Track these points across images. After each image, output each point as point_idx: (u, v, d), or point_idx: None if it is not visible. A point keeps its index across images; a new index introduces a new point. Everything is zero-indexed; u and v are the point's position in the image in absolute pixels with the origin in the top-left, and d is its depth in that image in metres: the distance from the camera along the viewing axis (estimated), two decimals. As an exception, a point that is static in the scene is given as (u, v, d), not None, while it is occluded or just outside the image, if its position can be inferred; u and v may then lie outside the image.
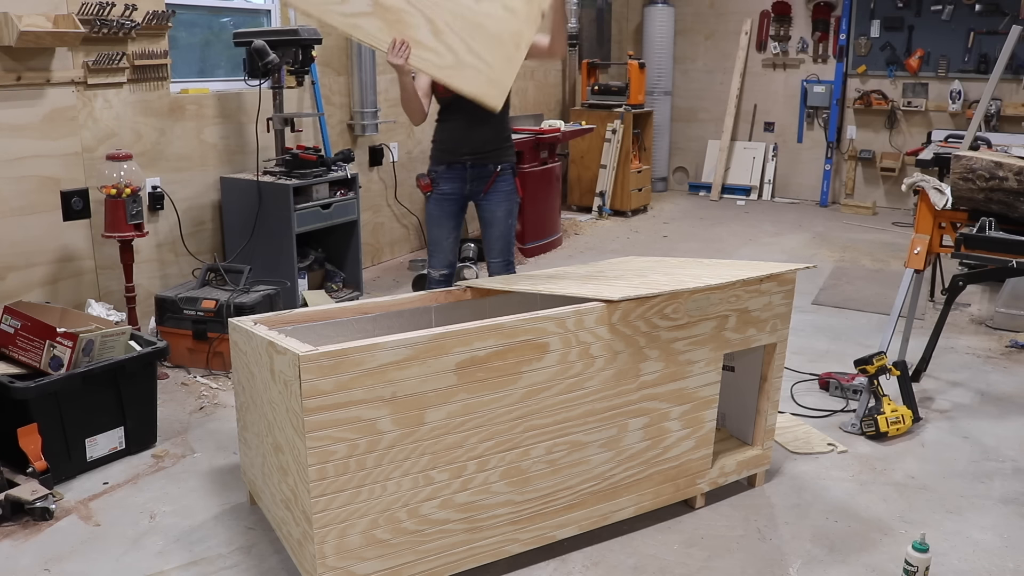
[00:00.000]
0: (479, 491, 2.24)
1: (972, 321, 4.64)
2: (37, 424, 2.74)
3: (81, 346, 2.86)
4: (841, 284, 5.40)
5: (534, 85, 7.62)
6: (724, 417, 2.92)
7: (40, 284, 3.72)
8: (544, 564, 2.42)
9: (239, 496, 2.78)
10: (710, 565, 2.44)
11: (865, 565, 2.44)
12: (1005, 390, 3.70)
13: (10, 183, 3.56)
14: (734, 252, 6.26)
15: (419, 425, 2.10)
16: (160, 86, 4.15)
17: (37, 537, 2.54)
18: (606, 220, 7.42)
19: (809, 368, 3.90)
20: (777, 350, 2.75)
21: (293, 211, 4.25)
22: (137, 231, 3.75)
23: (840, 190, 8.30)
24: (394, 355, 2.02)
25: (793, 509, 2.74)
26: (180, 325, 3.83)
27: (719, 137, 8.67)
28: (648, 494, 2.58)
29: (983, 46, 7.33)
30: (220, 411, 3.45)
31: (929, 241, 3.45)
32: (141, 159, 4.01)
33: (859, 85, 8.00)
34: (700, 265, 3.02)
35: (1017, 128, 6.87)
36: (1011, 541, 2.56)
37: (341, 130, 5.46)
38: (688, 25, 8.74)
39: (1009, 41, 3.72)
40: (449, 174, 3.32)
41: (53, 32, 3.49)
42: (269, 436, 2.28)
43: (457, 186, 3.33)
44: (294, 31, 4.31)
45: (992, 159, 3.14)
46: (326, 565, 2.05)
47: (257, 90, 4.34)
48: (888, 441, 3.19)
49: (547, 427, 2.30)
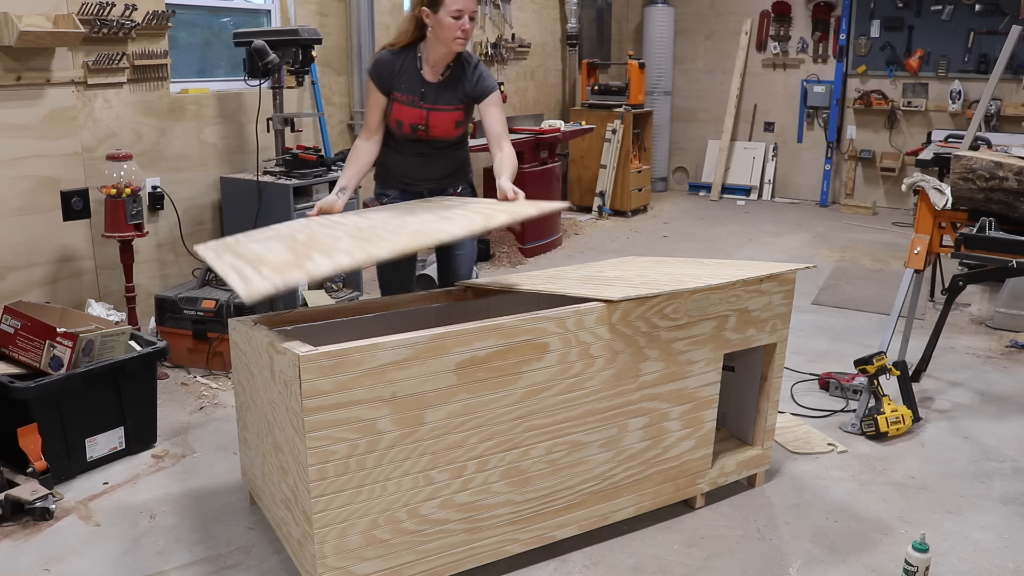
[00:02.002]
0: (479, 491, 2.24)
1: (972, 321, 4.64)
2: (37, 424, 2.74)
3: (81, 346, 2.86)
4: (841, 284, 5.40)
5: (534, 85, 7.62)
6: (724, 417, 2.92)
7: (40, 284, 3.72)
8: (544, 564, 2.42)
9: (239, 496, 2.78)
10: (710, 565, 2.44)
11: (865, 565, 2.44)
12: (1005, 390, 3.70)
13: (10, 183, 3.56)
14: (734, 252, 6.26)
15: (419, 425, 2.10)
16: (160, 86, 4.15)
17: (37, 537, 2.54)
18: (606, 220, 7.42)
19: (809, 368, 3.90)
20: (777, 350, 2.74)
21: (293, 211, 4.25)
22: (137, 231, 3.75)
23: (840, 190, 8.30)
24: (394, 355, 2.02)
25: (793, 509, 2.74)
26: (180, 325, 3.83)
27: (719, 137, 8.67)
28: (648, 494, 2.58)
29: (983, 46, 7.33)
30: (220, 411, 3.45)
31: (929, 241, 3.45)
32: (141, 159, 4.01)
33: (859, 85, 8.00)
34: (700, 265, 3.02)
35: (1017, 128, 6.87)
36: (1011, 541, 2.56)
37: (341, 130, 5.46)
38: (688, 25, 8.74)
39: (1009, 41, 3.72)
40: (404, 199, 3.01)
41: (53, 32, 3.49)
42: (269, 436, 2.28)
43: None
44: (294, 31, 4.31)
45: (992, 159, 3.14)
46: (326, 565, 2.05)
47: (257, 90, 4.34)
48: (888, 441, 3.19)
49: (547, 427, 2.30)
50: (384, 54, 2.87)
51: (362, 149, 2.93)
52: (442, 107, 2.87)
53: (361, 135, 2.96)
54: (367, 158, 2.94)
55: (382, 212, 2.76)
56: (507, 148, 2.85)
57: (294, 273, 2.02)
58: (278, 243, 2.38)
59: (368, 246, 2.20)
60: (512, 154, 2.84)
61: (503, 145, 2.86)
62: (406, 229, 2.38)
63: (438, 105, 2.86)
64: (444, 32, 2.72)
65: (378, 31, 5.47)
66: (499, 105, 2.91)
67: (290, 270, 2.05)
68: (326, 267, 2.03)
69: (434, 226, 2.41)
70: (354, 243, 2.26)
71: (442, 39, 2.75)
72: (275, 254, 2.22)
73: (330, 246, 2.24)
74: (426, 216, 2.54)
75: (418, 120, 2.86)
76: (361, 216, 2.70)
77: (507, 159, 2.81)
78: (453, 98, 2.88)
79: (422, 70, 2.85)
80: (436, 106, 2.86)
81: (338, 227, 2.50)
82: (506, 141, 2.88)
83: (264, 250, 2.30)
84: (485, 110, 2.90)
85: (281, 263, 2.11)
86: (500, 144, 2.86)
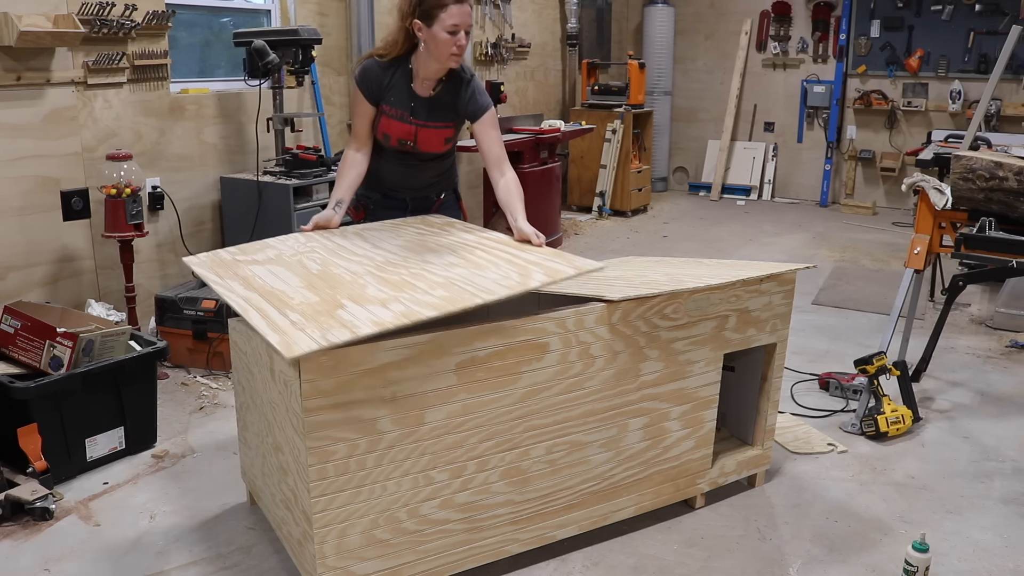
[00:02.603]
0: (479, 491, 2.24)
1: (972, 321, 4.64)
2: (37, 424, 2.74)
3: (81, 346, 2.86)
4: (841, 284, 5.40)
5: (534, 85, 7.62)
6: (724, 417, 2.92)
7: (40, 284, 3.72)
8: (544, 564, 2.42)
9: (239, 496, 2.78)
10: (710, 565, 2.44)
11: (865, 565, 2.44)
12: (1005, 390, 3.70)
13: (10, 183, 3.56)
14: (734, 252, 6.26)
15: (419, 425, 2.10)
16: (160, 86, 4.15)
17: (37, 537, 2.54)
18: (606, 220, 7.42)
19: (809, 368, 3.90)
20: (777, 350, 2.74)
21: (293, 211, 4.25)
22: (137, 231, 3.75)
23: (840, 190, 8.30)
24: (394, 355, 2.02)
25: (793, 509, 2.74)
26: (180, 325, 3.83)
27: (719, 137, 8.67)
28: (648, 494, 2.58)
29: (983, 46, 7.33)
30: (220, 411, 3.45)
31: (929, 241, 3.45)
32: (141, 159, 4.01)
33: (859, 85, 8.00)
34: (700, 265, 3.02)
35: (1017, 128, 6.87)
36: (1011, 541, 2.56)
37: (341, 130, 5.46)
38: (688, 25, 8.74)
39: (1009, 41, 3.72)
40: (387, 203, 2.92)
41: (53, 32, 3.49)
42: (269, 436, 2.28)
43: (396, 215, 2.91)
44: (294, 31, 4.31)
45: (992, 159, 3.14)
46: (326, 565, 2.05)
47: (257, 90, 4.34)
48: (888, 441, 3.19)
49: (547, 427, 2.30)
50: (372, 65, 2.69)
51: (354, 159, 2.78)
52: (432, 124, 2.73)
53: (351, 144, 2.81)
54: (360, 168, 2.78)
55: (388, 237, 2.61)
56: (509, 173, 2.70)
57: (337, 331, 1.88)
58: (288, 272, 2.30)
59: (402, 296, 2.09)
60: (516, 181, 2.69)
61: (504, 169, 2.70)
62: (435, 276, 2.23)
63: (428, 122, 2.73)
64: (438, 48, 2.55)
65: (378, 31, 5.46)
66: (495, 125, 2.74)
67: (324, 319, 1.95)
68: (366, 323, 1.92)
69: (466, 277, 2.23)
70: (383, 289, 2.15)
71: (435, 55, 2.57)
72: (296, 293, 2.13)
73: (358, 292, 2.13)
74: (450, 259, 2.39)
75: (406, 136, 2.74)
76: (366, 240, 2.60)
77: (513, 189, 2.66)
78: (444, 116, 2.74)
79: (413, 84, 2.69)
80: (426, 123, 2.73)
81: (351, 256, 2.44)
82: (507, 164, 2.72)
83: (278, 282, 2.22)
84: (481, 131, 2.72)
85: (311, 310, 2.01)
86: (501, 168, 2.70)
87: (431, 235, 2.65)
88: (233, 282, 2.26)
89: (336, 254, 2.46)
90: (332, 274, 2.28)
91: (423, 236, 2.63)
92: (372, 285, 2.19)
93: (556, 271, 2.25)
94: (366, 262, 2.37)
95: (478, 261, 2.37)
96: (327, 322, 1.94)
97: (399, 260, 2.39)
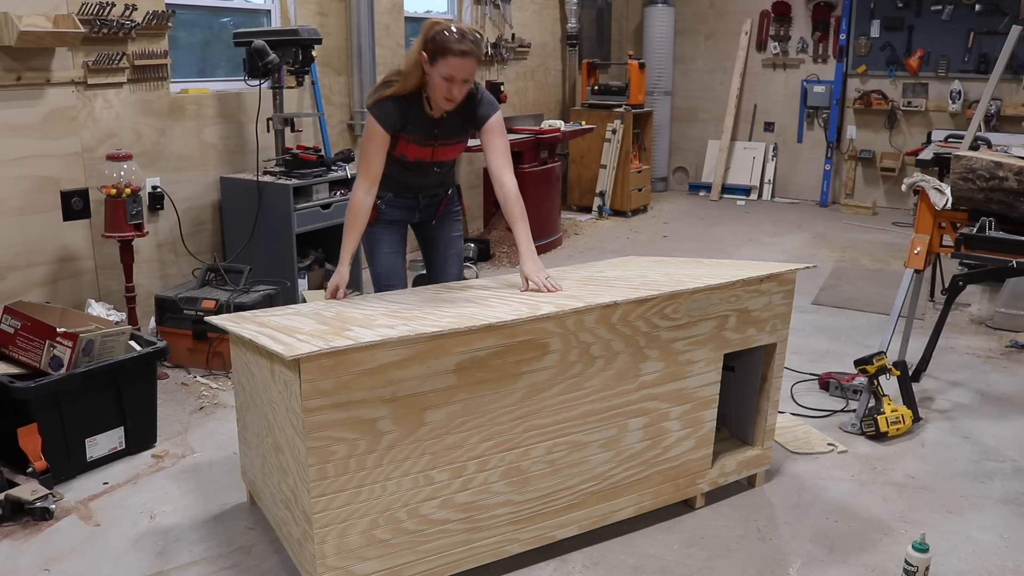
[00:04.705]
0: (479, 491, 2.24)
1: (972, 321, 4.64)
2: (37, 424, 2.74)
3: (81, 346, 2.86)
4: (841, 284, 5.40)
5: (534, 85, 7.63)
6: (724, 417, 2.92)
7: (40, 284, 3.72)
8: (544, 564, 2.42)
9: (239, 496, 2.78)
10: (710, 565, 2.44)
11: (865, 565, 2.44)
12: (1005, 390, 3.70)
13: (10, 183, 3.56)
14: (734, 252, 6.26)
15: (419, 425, 2.10)
16: (160, 86, 4.15)
17: (37, 537, 2.54)
18: (606, 220, 7.42)
19: (809, 368, 3.90)
20: (777, 350, 2.74)
21: (293, 211, 4.25)
22: (137, 231, 3.75)
23: (840, 190, 8.30)
24: (394, 355, 2.02)
25: (793, 509, 2.74)
26: (180, 325, 3.83)
27: (719, 137, 8.67)
28: (648, 494, 2.58)
29: (983, 46, 7.33)
30: (220, 411, 3.45)
31: (929, 241, 3.45)
32: (141, 159, 4.01)
33: (859, 85, 8.00)
34: (700, 265, 3.02)
35: (1017, 128, 6.87)
36: (1011, 541, 2.56)
37: (341, 130, 5.46)
38: (688, 25, 8.74)
39: (1009, 41, 3.72)
40: (398, 202, 2.99)
41: (53, 32, 3.49)
42: (269, 436, 2.29)
43: (406, 213, 3.03)
44: (294, 31, 4.31)
45: (992, 159, 3.14)
46: (326, 565, 2.05)
47: (257, 90, 4.34)
48: (888, 441, 3.19)
49: (547, 427, 2.30)
50: (390, 105, 2.69)
51: (363, 206, 2.75)
52: (449, 141, 2.85)
53: (360, 184, 2.75)
54: (367, 216, 2.80)
55: (405, 295, 2.69)
56: (509, 183, 2.72)
57: (339, 341, 1.97)
58: (302, 317, 2.39)
59: (411, 323, 2.16)
60: (517, 196, 2.71)
61: (504, 180, 2.72)
62: (446, 313, 2.30)
63: (446, 140, 2.84)
64: (433, 90, 2.64)
65: (378, 31, 5.47)
66: (502, 133, 2.77)
67: (330, 336, 2.03)
68: (369, 336, 2.00)
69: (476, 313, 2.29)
70: (393, 321, 2.21)
71: (431, 94, 2.67)
72: (307, 327, 2.22)
73: (367, 322, 2.21)
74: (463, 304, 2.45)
75: (425, 156, 2.85)
76: (382, 298, 2.66)
77: (515, 210, 2.69)
78: (460, 131, 2.85)
79: (428, 111, 2.75)
80: (444, 141, 2.83)
81: (365, 305, 2.52)
82: (508, 174, 2.74)
83: (291, 322, 2.32)
84: (487, 138, 2.77)
85: (318, 332, 2.11)
86: (501, 179, 2.73)
87: (447, 291, 2.70)
88: (249, 323, 2.35)
89: (350, 307, 2.53)
90: (345, 315, 2.36)
91: (439, 292, 2.70)
92: (382, 318, 2.27)
93: (566, 305, 2.29)
94: (380, 308, 2.44)
95: (490, 303, 2.42)
96: (332, 337, 2.03)
97: (413, 306, 2.45)
